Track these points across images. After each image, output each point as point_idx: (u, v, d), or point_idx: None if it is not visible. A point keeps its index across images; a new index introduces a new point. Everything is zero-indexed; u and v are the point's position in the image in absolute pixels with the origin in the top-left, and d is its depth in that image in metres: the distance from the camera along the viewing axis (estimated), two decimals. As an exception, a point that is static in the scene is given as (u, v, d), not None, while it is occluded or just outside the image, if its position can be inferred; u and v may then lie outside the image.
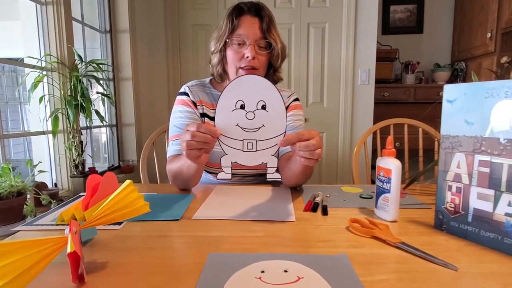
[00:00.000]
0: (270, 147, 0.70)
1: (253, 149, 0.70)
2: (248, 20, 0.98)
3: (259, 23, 0.98)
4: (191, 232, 0.64)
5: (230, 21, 0.98)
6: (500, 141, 0.54)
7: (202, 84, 1.11)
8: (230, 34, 0.98)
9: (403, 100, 2.84)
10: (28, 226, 0.68)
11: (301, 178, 0.94)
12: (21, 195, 1.13)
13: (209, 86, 1.11)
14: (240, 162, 0.71)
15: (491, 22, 2.44)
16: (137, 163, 2.28)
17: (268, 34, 0.99)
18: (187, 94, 1.07)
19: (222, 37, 1.00)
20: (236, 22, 0.98)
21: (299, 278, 0.46)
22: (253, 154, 0.70)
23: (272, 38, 0.99)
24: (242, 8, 0.99)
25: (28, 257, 0.41)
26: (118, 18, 2.26)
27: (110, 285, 0.45)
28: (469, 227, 0.59)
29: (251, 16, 0.99)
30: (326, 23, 2.55)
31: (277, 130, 0.69)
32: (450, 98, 0.62)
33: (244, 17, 0.99)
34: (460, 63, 2.91)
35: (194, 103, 1.06)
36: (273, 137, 0.70)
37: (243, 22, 0.98)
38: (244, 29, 0.97)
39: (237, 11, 0.99)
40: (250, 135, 0.70)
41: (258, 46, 0.99)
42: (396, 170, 0.67)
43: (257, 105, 0.69)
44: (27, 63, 1.57)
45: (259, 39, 0.98)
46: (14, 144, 3.28)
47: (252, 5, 1.00)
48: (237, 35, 0.98)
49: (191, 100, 1.06)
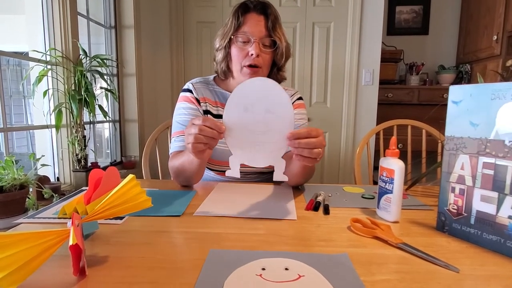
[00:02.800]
0: (278, 149, 0.70)
1: (261, 151, 0.70)
2: (254, 18, 0.98)
3: (265, 21, 0.98)
4: (192, 228, 0.64)
5: (235, 18, 0.98)
6: (505, 143, 0.53)
7: (205, 82, 1.11)
8: (235, 31, 0.98)
9: (406, 101, 2.83)
10: (30, 219, 0.68)
11: (301, 179, 0.94)
12: (24, 188, 1.14)
13: (213, 83, 1.11)
14: (248, 163, 0.71)
15: (497, 25, 2.42)
16: (139, 159, 2.28)
17: (273, 32, 0.98)
18: (191, 91, 1.06)
19: (227, 34, 0.99)
20: (242, 19, 0.98)
21: (299, 276, 0.46)
22: (261, 156, 0.70)
23: (277, 36, 0.99)
24: (248, 6, 0.99)
25: (30, 249, 0.41)
26: (123, 14, 2.26)
27: (111, 278, 0.46)
28: (471, 229, 0.59)
29: (257, 13, 0.98)
30: (331, 22, 2.54)
31: (285, 132, 0.68)
32: (456, 99, 0.61)
33: (249, 14, 0.98)
34: (465, 66, 2.90)
35: (198, 100, 1.06)
36: (281, 139, 0.69)
37: (248, 19, 0.98)
38: (249, 26, 0.97)
39: (243, 8, 0.99)
40: (258, 137, 0.69)
41: (263, 44, 0.98)
42: (399, 171, 0.67)
43: (265, 107, 0.68)
44: (31, 56, 1.57)
45: (264, 37, 0.98)
46: (17, 137, 3.29)
47: (258, 3, 0.99)
48: (242, 32, 0.97)
49: (195, 97, 1.05)
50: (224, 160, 1.03)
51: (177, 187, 0.95)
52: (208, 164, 1.06)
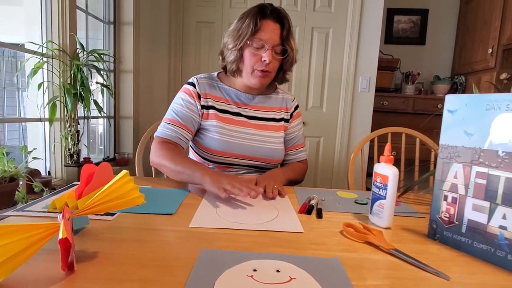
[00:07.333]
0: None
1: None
2: (270, 26, 1.01)
3: (280, 30, 1.02)
4: (184, 227, 0.64)
5: (253, 22, 0.99)
6: (498, 154, 0.54)
7: (210, 78, 1.14)
8: (251, 36, 1.00)
9: (401, 109, 2.86)
10: (19, 212, 0.67)
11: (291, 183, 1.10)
12: (14, 181, 1.12)
13: (217, 79, 1.14)
14: None
15: (493, 38, 2.47)
16: (133, 156, 2.26)
17: (286, 42, 1.03)
18: (194, 86, 1.09)
19: (243, 37, 1.01)
20: (259, 25, 1.00)
21: (291, 278, 0.46)
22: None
23: (289, 46, 1.04)
24: (266, 12, 1.01)
25: (18, 242, 0.41)
26: (122, 10, 2.25)
27: (100, 275, 0.45)
28: (462, 237, 0.59)
29: (273, 21, 1.01)
30: (330, 28, 2.56)
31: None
32: (451, 108, 0.62)
33: (266, 21, 1.01)
34: (460, 77, 2.94)
35: (199, 95, 1.08)
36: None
37: (265, 26, 1.00)
38: (265, 33, 1.00)
39: (261, 14, 1.01)
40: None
41: (275, 51, 1.02)
42: (393, 177, 0.67)
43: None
44: (27, 48, 1.56)
45: (277, 45, 1.02)
46: (9, 130, 3.25)
47: (275, 10, 1.02)
48: (257, 39, 1.00)
49: (196, 92, 1.08)
50: (230, 151, 1.06)
51: (170, 185, 0.95)
52: (211, 156, 1.07)
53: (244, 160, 1.08)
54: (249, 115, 1.11)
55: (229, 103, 1.10)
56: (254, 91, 1.12)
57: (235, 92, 1.11)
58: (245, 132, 1.08)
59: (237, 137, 1.07)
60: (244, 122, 1.10)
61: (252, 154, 1.08)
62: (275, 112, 1.15)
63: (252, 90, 1.11)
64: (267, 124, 1.12)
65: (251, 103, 1.12)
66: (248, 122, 1.10)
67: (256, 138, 1.09)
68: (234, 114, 1.10)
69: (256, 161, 1.09)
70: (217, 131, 1.06)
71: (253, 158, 1.08)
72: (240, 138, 1.07)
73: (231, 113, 1.09)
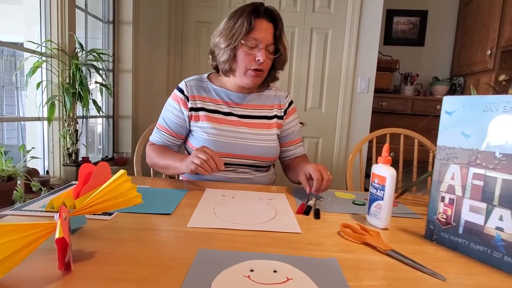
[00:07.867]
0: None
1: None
2: (264, 25, 1.02)
3: (273, 29, 1.04)
4: (182, 227, 0.64)
5: (247, 22, 1.00)
6: (495, 155, 0.54)
7: (200, 79, 1.15)
8: (245, 35, 1.00)
9: (400, 110, 2.86)
10: (17, 211, 0.67)
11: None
12: (12, 180, 1.12)
13: (207, 81, 1.15)
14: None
15: (492, 40, 2.47)
16: (132, 156, 2.26)
17: (279, 41, 1.05)
18: (182, 90, 1.11)
19: (236, 36, 1.01)
20: (253, 24, 1.00)
21: (288, 279, 0.46)
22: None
23: (281, 45, 1.06)
24: (259, 11, 1.02)
25: (15, 241, 0.41)
26: (122, 9, 2.25)
27: (97, 274, 0.45)
28: (459, 239, 0.59)
29: (267, 21, 1.02)
30: (329, 29, 2.56)
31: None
32: (449, 110, 0.62)
33: (260, 20, 1.01)
34: (458, 78, 2.94)
35: (187, 98, 1.10)
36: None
37: (259, 26, 1.01)
38: (259, 33, 1.01)
39: (255, 13, 1.01)
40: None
41: (268, 51, 1.04)
42: (391, 178, 0.68)
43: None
44: (26, 47, 1.55)
45: (270, 44, 1.03)
46: (8, 129, 3.24)
47: (268, 10, 1.03)
48: (251, 38, 1.01)
49: (184, 96, 1.10)
50: (223, 151, 1.05)
51: (168, 185, 0.95)
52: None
53: (238, 159, 1.08)
54: (240, 114, 1.11)
55: (219, 103, 1.11)
56: (245, 90, 1.13)
57: (225, 92, 1.12)
58: (237, 131, 1.09)
59: (230, 136, 1.07)
60: (235, 121, 1.10)
61: (246, 152, 1.08)
62: (267, 109, 1.16)
63: (243, 89, 1.12)
64: (259, 122, 1.13)
65: (242, 102, 1.13)
66: (240, 121, 1.10)
67: (248, 136, 1.09)
68: (225, 114, 1.10)
69: (250, 159, 1.09)
70: (209, 132, 1.06)
71: (247, 157, 1.08)
72: (232, 138, 1.08)
73: (222, 113, 1.10)
